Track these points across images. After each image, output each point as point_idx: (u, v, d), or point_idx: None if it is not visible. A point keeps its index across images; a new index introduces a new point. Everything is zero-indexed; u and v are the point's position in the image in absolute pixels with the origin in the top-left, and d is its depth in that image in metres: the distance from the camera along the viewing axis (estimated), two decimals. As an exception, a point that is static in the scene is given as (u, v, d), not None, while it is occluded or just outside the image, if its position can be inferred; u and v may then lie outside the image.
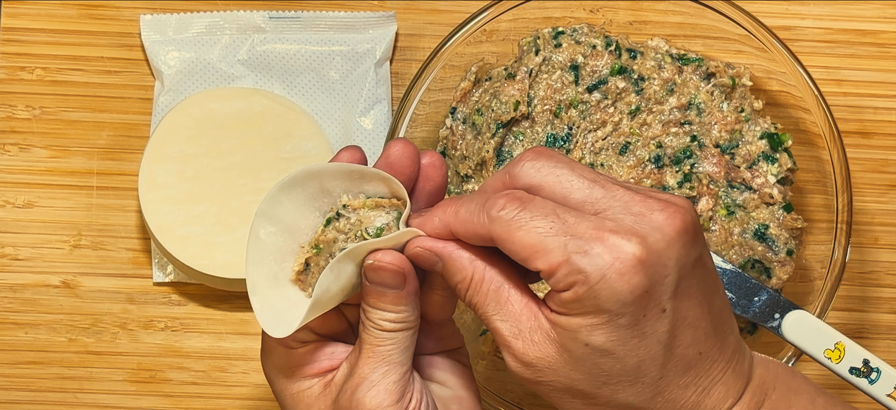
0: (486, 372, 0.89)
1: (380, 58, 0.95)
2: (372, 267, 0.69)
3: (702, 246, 0.67)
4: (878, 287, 0.95)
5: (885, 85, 0.96)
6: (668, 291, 0.65)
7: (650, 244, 0.65)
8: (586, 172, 0.67)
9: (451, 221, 0.68)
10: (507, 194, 0.67)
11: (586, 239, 0.64)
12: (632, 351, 0.66)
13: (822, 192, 0.89)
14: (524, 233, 0.65)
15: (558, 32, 0.89)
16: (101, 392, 0.93)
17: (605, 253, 0.64)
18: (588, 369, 0.66)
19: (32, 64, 0.96)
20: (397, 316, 0.70)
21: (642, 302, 0.65)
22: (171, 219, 0.90)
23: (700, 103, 0.89)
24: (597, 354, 0.66)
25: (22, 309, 0.94)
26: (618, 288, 0.64)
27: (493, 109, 0.88)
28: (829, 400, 0.70)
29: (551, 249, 0.65)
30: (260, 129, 0.92)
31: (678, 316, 0.66)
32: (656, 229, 0.65)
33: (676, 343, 0.66)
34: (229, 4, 0.96)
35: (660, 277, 0.65)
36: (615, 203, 0.66)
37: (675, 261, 0.65)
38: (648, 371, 0.66)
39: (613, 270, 0.64)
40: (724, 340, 0.68)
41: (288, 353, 0.72)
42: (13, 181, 0.95)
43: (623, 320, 0.65)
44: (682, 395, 0.67)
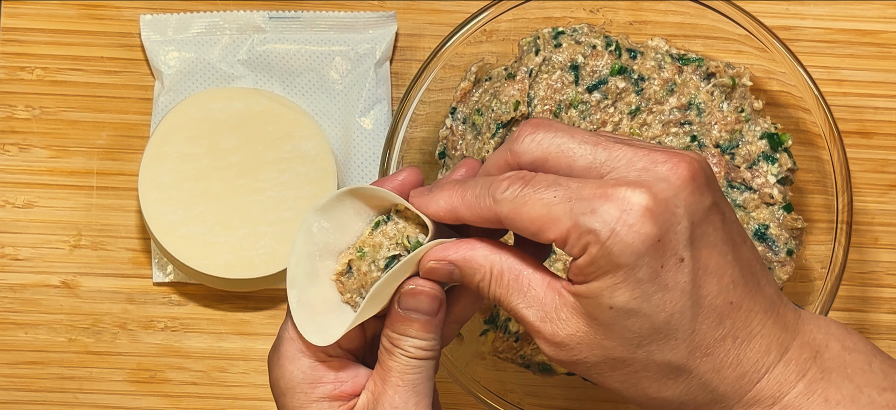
0: (486, 372, 0.89)
1: (380, 58, 0.95)
2: (411, 292, 0.69)
3: (715, 194, 0.66)
4: (878, 287, 0.95)
5: (885, 85, 0.96)
6: (683, 239, 0.64)
7: (656, 192, 0.64)
8: (587, 136, 0.66)
9: (457, 205, 0.68)
10: (510, 175, 0.66)
11: (592, 198, 0.64)
12: (657, 306, 0.64)
13: (822, 192, 0.89)
14: (530, 208, 0.65)
15: (558, 32, 0.89)
16: (101, 393, 0.93)
17: (612, 208, 0.64)
18: (619, 333, 0.65)
19: (32, 64, 0.96)
20: (428, 344, 0.69)
21: (657, 251, 0.64)
22: (171, 219, 0.90)
23: (700, 103, 0.89)
24: (623, 315, 0.65)
25: (22, 309, 0.94)
26: (629, 240, 0.64)
27: (493, 109, 0.88)
28: (885, 361, 0.68)
29: (559, 217, 0.64)
30: (260, 129, 0.92)
31: (698, 264, 0.65)
32: (661, 179, 0.64)
33: (703, 293, 0.65)
34: (229, 4, 0.96)
35: (671, 225, 0.64)
36: (619, 162, 0.65)
37: (684, 208, 0.64)
38: (679, 325, 0.65)
39: (622, 223, 0.63)
40: (758, 289, 0.66)
41: (313, 366, 0.70)
42: (13, 181, 0.95)
43: (642, 273, 0.64)
44: (719, 348, 0.66)
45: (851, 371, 0.67)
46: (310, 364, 0.70)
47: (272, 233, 0.90)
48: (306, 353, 0.70)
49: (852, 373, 0.67)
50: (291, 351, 0.70)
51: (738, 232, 0.67)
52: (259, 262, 0.90)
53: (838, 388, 0.66)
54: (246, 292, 0.94)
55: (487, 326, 0.88)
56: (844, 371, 0.67)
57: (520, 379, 0.89)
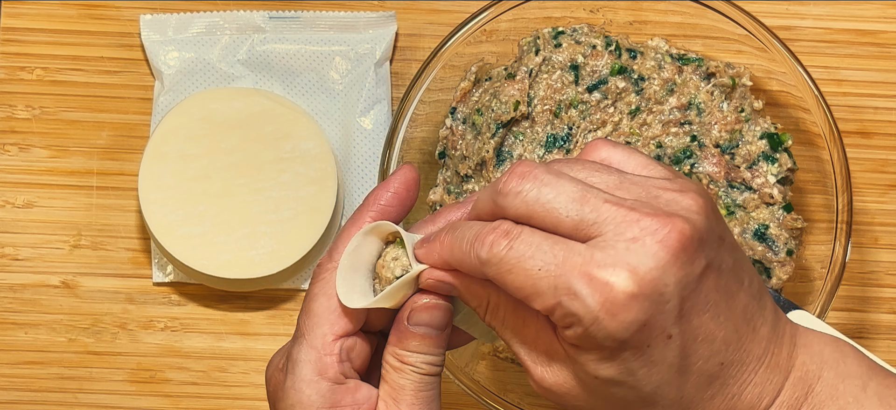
0: (487, 372, 0.89)
1: (380, 58, 0.95)
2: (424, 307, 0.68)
3: (710, 248, 0.63)
4: (878, 287, 0.95)
5: (885, 85, 0.96)
6: (672, 317, 0.63)
7: (642, 274, 0.62)
8: (575, 192, 0.63)
9: (449, 259, 0.67)
10: (495, 229, 0.64)
11: (575, 278, 0.62)
12: (644, 380, 0.64)
13: (822, 192, 0.89)
14: (515, 277, 0.63)
15: (558, 32, 0.89)
16: (101, 392, 0.93)
17: (595, 293, 0.62)
18: (604, 397, 0.65)
19: (32, 64, 0.96)
20: (437, 359, 0.69)
21: (642, 334, 0.62)
22: (171, 219, 0.90)
23: (700, 103, 0.89)
24: (608, 385, 0.64)
25: (22, 309, 0.94)
26: (612, 328, 0.62)
27: (493, 109, 0.88)
28: (882, 382, 0.66)
29: (543, 292, 0.63)
30: (260, 129, 0.92)
31: (688, 336, 0.63)
32: (650, 256, 0.62)
33: (691, 362, 0.64)
34: (229, 4, 0.96)
35: (659, 307, 0.62)
36: (607, 228, 0.63)
37: (674, 286, 0.62)
38: (666, 395, 0.64)
39: (604, 311, 0.62)
40: (753, 337, 0.65)
41: (332, 389, 0.68)
42: (13, 181, 0.95)
43: (626, 354, 0.63)
44: (709, 405, 0.65)
45: (844, 402, 0.66)
46: (328, 387, 0.68)
47: (272, 233, 0.90)
48: (325, 375, 0.68)
49: (844, 404, 0.66)
50: (308, 374, 0.69)
51: (735, 279, 0.65)
52: (259, 262, 0.90)
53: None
54: (246, 292, 0.94)
55: (487, 326, 0.88)
56: (836, 402, 0.66)
57: (520, 379, 0.89)
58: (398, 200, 0.70)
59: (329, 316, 0.69)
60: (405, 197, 0.70)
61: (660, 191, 0.64)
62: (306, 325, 0.69)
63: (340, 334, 0.69)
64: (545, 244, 0.63)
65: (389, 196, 0.70)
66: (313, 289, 0.69)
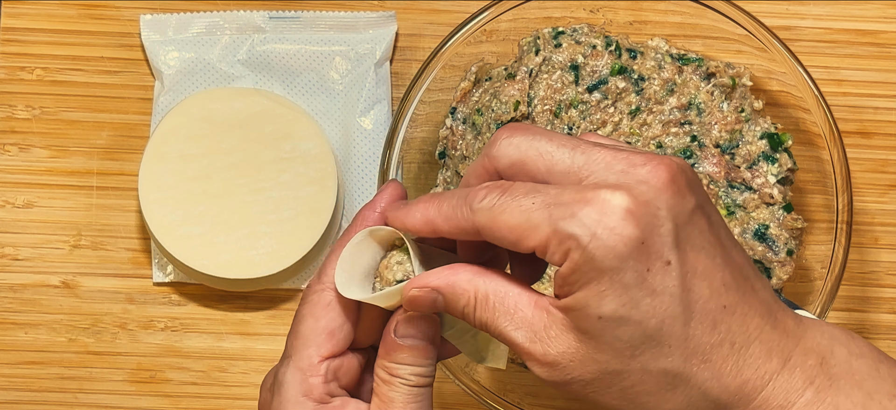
0: (486, 373, 0.89)
1: (380, 58, 0.95)
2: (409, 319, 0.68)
3: (699, 196, 0.64)
4: (878, 287, 0.95)
5: (885, 85, 0.96)
6: (668, 241, 0.62)
7: (636, 194, 0.62)
8: (565, 140, 0.64)
9: (434, 217, 0.66)
10: (487, 185, 0.65)
11: (571, 203, 0.62)
12: (647, 312, 0.62)
13: (823, 192, 0.89)
14: (508, 216, 0.63)
15: (558, 32, 0.89)
16: (101, 392, 0.93)
17: (592, 211, 0.62)
18: (610, 344, 0.63)
19: (32, 64, 0.96)
20: (427, 370, 0.68)
21: (641, 254, 0.62)
22: (171, 219, 0.90)
23: (700, 103, 0.89)
24: (613, 324, 0.63)
25: (22, 309, 0.94)
26: (611, 242, 0.62)
27: (494, 109, 0.88)
28: (893, 366, 0.65)
29: (538, 223, 0.62)
30: (260, 129, 0.92)
31: (686, 267, 0.63)
32: (641, 181, 0.62)
33: (693, 296, 0.63)
34: (229, 4, 0.96)
35: (654, 227, 0.62)
36: (598, 165, 0.63)
37: (667, 210, 0.62)
38: (672, 331, 0.63)
39: (602, 226, 0.62)
40: (754, 293, 0.64)
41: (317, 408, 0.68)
42: (13, 181, 0.95)
43: (627, 277, 0.62)
44: (716, 354, 0.63)
45: (859, 377, 0.65)
46: (314, 408, 0.68)
47: (272, 233, 0.90)
48: (310, 396, 0.68)
49: (861, 380, 0.65)
50: (294, 395, 0.69)
51: (727, 236, 0.65)
52: (259, 262, 0.90)
53: (848, 396, 0.64)
54: (246, 292, 0.94)
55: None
56: (852, 378, 0.65)
57: (520, 379, 0.89)
58: (384, 219, 0.70)
59: (317, 337, 0.69)
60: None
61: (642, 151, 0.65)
62: (293, 346, 0.69)
63: (327, 355, 0.69)
64: (539, 186, 0.63)
65: (376, 215, 0.70)
66: (302, 311, 0.69)
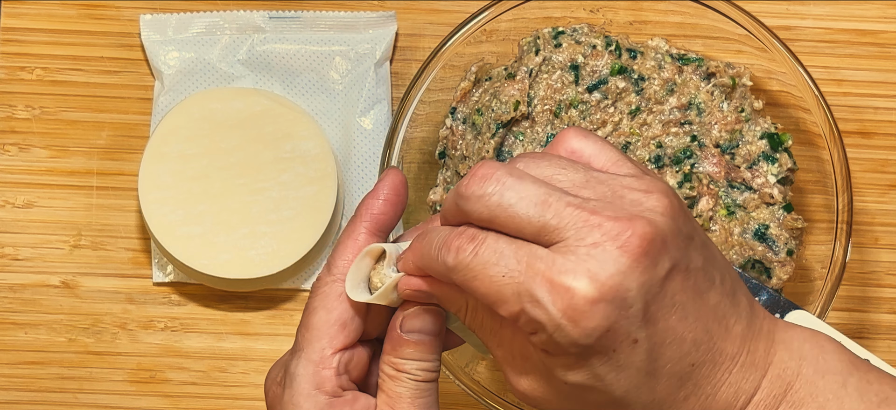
0: (486, 373, 0.89)
1: (380, 58, 0.95)
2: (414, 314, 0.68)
3: (676, 250, 0.63)
4: (878, 287, 0.95)
5: (885, 85, 0.96)
6: (636, 321, 0.62)
7: (603, 280, 0.61)
8: (536, 193, 0.63)
9: (421, 265, 0.67)
10: (460, 235, 0.64)
11: (537, 285, 0.62)
12: (613, 385, 0.63)
13: (823, 192, 0.89)
14: (480, 283, 0.63)
15: (558, 32, 0.89)
16: (101, 393, 0.93)
17: (557, 299, 0.61)
18: (577, 402, 0.65)
19: (32, 64, 0.96)
20: (433, 365, 0.69)
21: (607, 340, 0.62)
22: (171, 219, 0.90)
23: (700, 103, 0.89)
24: (579, 390, 0.64)
25: (22, 309, 0.94)
26: (574, 335, 0.62)
27: (493, 109, 0.88)
28: (863, 377, 0.66)
29: (507, 298, 0.63)
30: (260, 129, 0.92)
31: (655, 340, 0.63)
32: (611, 261, 0.61)
33: (660, 365, 0.64)
34: (229, 4, 0.96)
35: (622, 311, 0.62)
36: (568, 232, 0.62)
37: (637, 289, 0.62)
38: (638, 398, 0.64)
39: (566, 318, 0.61)
40: (726, 336, 0.65)
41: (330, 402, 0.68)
42: (13, 181, 0.95)
43: (593, 360, 0.63)
44: (683, 406, 0.65)
45: (823, 399, 0.65)
46: (326, 401, 0.68)
47: (272, 233, 0.90)
48: (323, 389, 0.68)
49: (824, 402, 0.65)
50: (306, 388, 0.69)
51: (705, 278, 0.64)
52: (259, 262, 0.90)
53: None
54: (246, 292, 0.94)
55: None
56: (816, 401, 0.65)
57: (520, 379, 0.89)
58: (390, 206, 0.70)
59: (328, 330, 0.69)
60: (396, 201, 0.70)
61: (625, 190, 0.64)
62: (305, 339, 0.69)
63: (339, 347, 0.69)
64: (508, 249, 0.63)
65: (380, 204, 0.70)
66: (313, 303, 0.70)
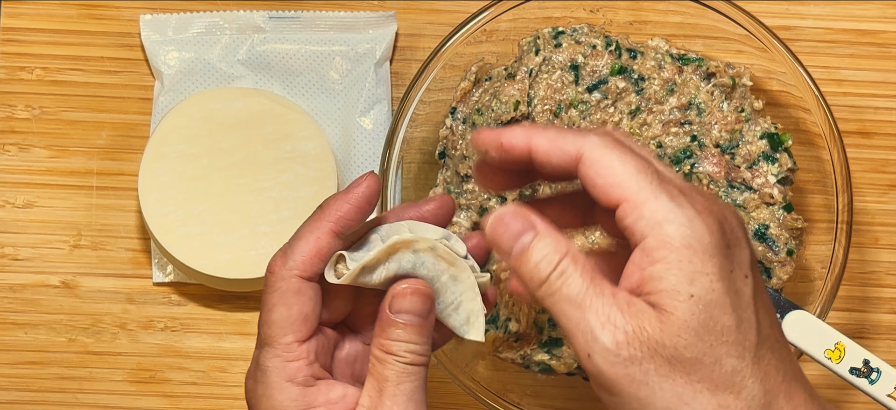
0: (486, 372, 0.89)
1: (380, 58, 0.95)
2: (402, 293, 0.68)
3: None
4: (878, 287, 0.95)
5: (885, 85, 0.96)
6: (746, 261, 0.64)
7: (721, 220, 0.64)
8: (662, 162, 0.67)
9: (536, 136, 0.65)
10: (599, 132, 0.65)
11: (675, 191, 0.63)
12: (731, 306, 0.63)
13: (823, 192, 0.89)
14: (619, 163, 0.63)
15: (558, 32, 0.89)
16: (101, 392, 0.93)
17: (691, 205, 0.63)
18: (694, 328, 0.62)
19: (32, 64, 0.96)
20: (421, 348, 0.68)
21: (727, 256, 0.63)
22: (171, 219, 0.90)
23: (700, 103, 0.89)
24: (701, 305, 0.62)
25: (22, 309, 0.94)
26: (703, 232, 0.62)
27: (493, 109, 0.88)
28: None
29: (642, 186, 0.63)
30: (260, 129, 0.92)
31: (758, 289, 0.64)
32: (727, 208, 0.65)
33: (761, 315, 0.64)
34: (229, 4, 0.96)
35: (736, 243, 0.64)
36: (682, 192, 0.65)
37: (745, 242, 0.64)
38: (747, 332, 0.63)
39: (699, 220, 0.62)
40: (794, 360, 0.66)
41: (303, 391, 0.69)
42: (13, 181, 0.95)
43: (716, 262, 0.62)
44: (775, 376, 0.64)
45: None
46: (300, 391, 0.69)
47: (272, 233, 0.90)
48: (295, 380, 0.69)
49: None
50: (277, 381, 0.69)
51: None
52: (259, 262, 0.90)
53: None
54: (246, 292, 0.94)
55: (488, 326, 0.88)
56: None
57: (520, 379, 0.89)
58: (359, 213, 0.69)
59: (291, 324, 0.69)
60: (366, 209, 0.69)
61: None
62: (269, 334, 0.69)
63: (303, 338, 0.69)
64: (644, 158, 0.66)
65: (351, 209, 0.69)
66: (271, 299, 0.69)
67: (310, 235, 0.69)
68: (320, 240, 0.69)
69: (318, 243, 0.69)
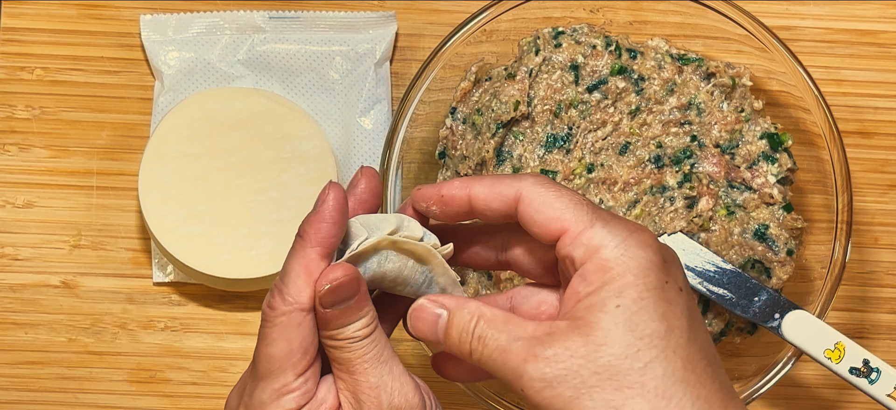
0: (486, 372, 0.89)
1: (380, 58, 0.95)
2: (329, 291, 0.68)
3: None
4: (878, 287, 0.95)
5: (885, 85, 0.96)
6: (680, 277, 0.67)
7: (654, 238, 0.68)
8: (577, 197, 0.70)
9: (475, 185, 0.70)
10: (537, 174, 0.69)
11: (608, 217, 0.68)
12: (662, 312, 0.65)
13: (822, 192, 0.89)
14: (559, 201, 0.68)
15: (558, 32, 0.89)
16: (101, 392, 0.93)
17: (626, 227, 0.67)
18: (620, 336, 0.65)
19: (32, 64, 0.96)
20: (367, 319, 0.69)
21: (661, 270, 0.66)
22: (171, 219, 0.90)
23: (700, 103, 0.89)
24: (627, 313, 0.65)
25: (22, 309, 0.94)
26: (639, 253, 0.66)
27: (493, 109, 0.88)
28: None
29: (582, 219, 0.67)
30: (260, 129, 0.92)
31: (691, 304, 0.67)
32: (655, 238, 0.68)
33: (694, 327, 0.67)
34: (229, 4, 0.96)
35: (670, 261, 0.67)
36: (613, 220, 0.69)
37: (677, 262, 0.68)
38: (678, 340, 0.65)
39: (633, 240, 0.66)
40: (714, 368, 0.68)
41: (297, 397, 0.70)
42: (13, 181, 0.95)
43: (650, 279, 0.66)
44: (711, 383, 0.66)
45: None
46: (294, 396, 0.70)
47: (272, 233, 0.90)
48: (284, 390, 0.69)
49: None
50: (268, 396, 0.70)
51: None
52: (259, 262, 0.90)
53: None
54: (246, 292, 0.94)
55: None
56: None
57: (520, 379, 0.89)
58: (337, 227, 0.69)
59: (291, 358, 0.69)
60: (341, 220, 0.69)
61: None
62: (268, 369, 0.69)
63: (303, 371, 0.70)
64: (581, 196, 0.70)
65: (329, 227, 0.69)
66: (270, 333, 0.69)
67: (300, 268, 0.69)
68: (310, 270, 0.69)
69: (309, 273, 0.69)
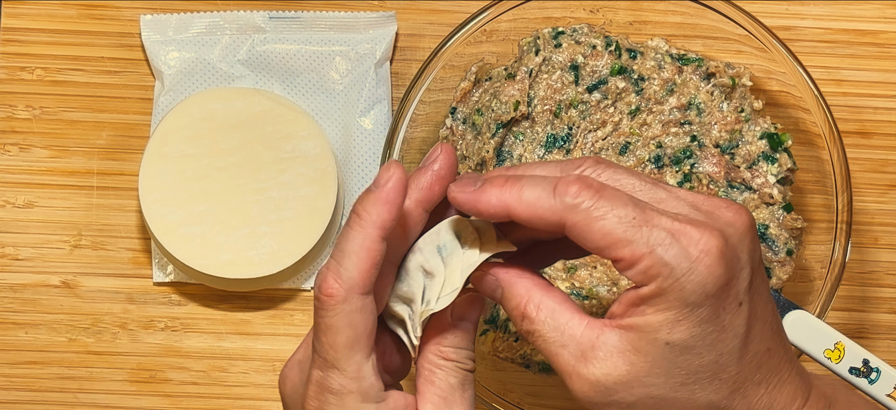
0: (486, 372, 0.89)
1: (380, 58, 0.95)
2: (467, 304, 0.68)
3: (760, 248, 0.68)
4: (878, 287, 0.95)
5: (885, 85, 0.96)
6: (745, 284, 0.65)
7: (727, 237, 0.64)
8: (647, 178, 0.66)
9: (513, 202, 0.65)
10: (580, 180, 0.64)
11: (669, 231, 0.63)
12: (711, 346, 0.64)
13: (822, 192, 0.89)
14: (605, 223, 0.63)
15: (558, 32, 0.89)
16: (101, 392, 0.93)
17: (691, 246, 0.63)
18: (665, 370, 0.64)
19: (32, 64, 0.96)
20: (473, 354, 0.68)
21: (723, 294, 0.64)
22: (171, 219, 0.90)
23: (700, 103, 0.89)
24: (676, 351, 0.64)
25: (22, 309, 0.94)
26: (703, 280, 0.63)
27: (493, 109, 0.88)
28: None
29: (633, 240, 0.63)
30: (260, 129, 0.92)
31: (753, 310, 0.65)
32: (729, 224, 0.65)
33: (751, 337, 0.65)
34: (229, 4, 0.96)
35: (737, 270, 0.64)
36: (681, 203, 0.65)
37: (747, 256, 0.65)
38: (727, 367, 0.65)
39: (699, 263, 0.63)
40: (786, 341, 0.68)
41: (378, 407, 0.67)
42: (13, 181, 0.95)
43: (704, 312, 0.63)
44: (755, 392, 0.66)
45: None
46: (375, 408, 0.67)
47: (272, 233, 0.90)
48: (369, 398, 0.67)
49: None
50: (354, 404, 0.67)
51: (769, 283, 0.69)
52: (259, 262, 0.90)
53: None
54: (246, 292, 0.94)
55: (487, 326, 0.88)
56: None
57: (520, 379, 0.89)
58: (397, 210, 0.66)
59: (358, 343, 0.66)
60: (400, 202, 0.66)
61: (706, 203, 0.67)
62: (335, 358, 0.66)
63: (371, 354, 0.67)
64: (634, 199, 0.64)
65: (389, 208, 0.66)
66: (333, 322, 0.66)
67: (359, 248, 0.65)
68: (372, 252, 0.65)
69: (371, 256, 0.65)
